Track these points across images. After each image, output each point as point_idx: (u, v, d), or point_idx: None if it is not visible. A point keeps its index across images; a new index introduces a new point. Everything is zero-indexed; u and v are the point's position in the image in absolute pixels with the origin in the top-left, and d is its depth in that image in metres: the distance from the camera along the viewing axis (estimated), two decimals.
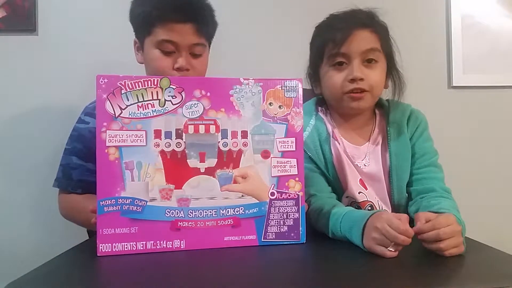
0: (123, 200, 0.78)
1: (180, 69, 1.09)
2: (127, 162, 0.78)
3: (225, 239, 0.82)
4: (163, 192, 0.79)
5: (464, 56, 1.65)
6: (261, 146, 0.82)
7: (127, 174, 0.78)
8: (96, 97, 0.77)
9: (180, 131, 0.80)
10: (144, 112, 0.79)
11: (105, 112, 0.77)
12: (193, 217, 0.80)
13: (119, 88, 0.78)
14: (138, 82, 0.79)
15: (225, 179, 0.81)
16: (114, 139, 0.77)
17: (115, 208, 0.77)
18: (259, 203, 0.82)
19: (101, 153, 0.77)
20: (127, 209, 0.78)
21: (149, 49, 1.12)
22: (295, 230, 0.84)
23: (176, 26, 1.07)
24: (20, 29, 1.49)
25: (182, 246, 0.80)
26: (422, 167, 0.98)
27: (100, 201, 0.77)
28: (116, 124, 0.78)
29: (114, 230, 0.77)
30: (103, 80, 0.78)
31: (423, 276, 0.67)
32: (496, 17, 1.68)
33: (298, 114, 0.84)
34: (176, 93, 0.79)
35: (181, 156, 0.80)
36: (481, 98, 1.69)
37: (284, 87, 0.83)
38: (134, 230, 0.78)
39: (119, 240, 0.78)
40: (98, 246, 0.77)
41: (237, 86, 0.81)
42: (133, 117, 0.78)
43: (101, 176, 0.77)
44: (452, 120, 1.62)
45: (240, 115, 0.81)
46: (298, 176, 0.84)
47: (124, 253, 0.77)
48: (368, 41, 0.94)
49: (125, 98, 0.78)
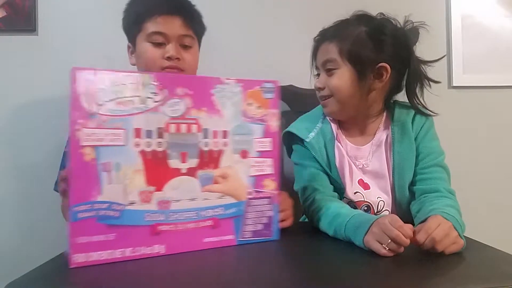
0: (99, 204, 0.71)
1: (170, 58, 1.10)
2: (104, 163, 0.71)
3: (204, 240, 0.80)
4: (143, 195, 0.74)
5: (464, 56, 1.63)
6: (240, 146, 0.82)
7: (104, 176, 0.71)
8: (70, 91, 0.69)
9: (161, 130, 0.75)
10: (124, 110, 0.73)
11: (80, 108, 0.69)
12: (174, 220, 0.77)
13: (97, 82, 0.71)
14: (118, 77, 0.73)
15: (206, 179, 0.79)
16: (90, 138, 0.70)
17: (90, 214, 0.70)
18: (237, 202, 0.82)
19: (76, 153, 0.69)
20: (104, 214, 0.71)
21: (140, 44, 1.13)
22: (269, 228, 0.86)
23: (164, 18, 1.11)
24: (20, 29, 1.46)
25: (162, 251, 0.76)
26: (427, 167, 1.00)
27: (73, 207, 0.69)
28: (92, 121, 0.70)
29: (89, 238, 0.70)
30: (79, 73, 0.70)
31: (423, 276, 0.68)
32: (496, 17, 1.66)
33: (274, 115, 0.86)
34: (158, 90, 0.75)
35: (162, 156, 0.76)
36: (481, 98, 1.67)
37: (262, 88, 0.84)
38: (111, 237, 0.72)
39: (95, 248, 0.71)
40: (71, 257, 0.69)
41: (218, 86, 0.80)
42: (111, 114, 0.72)
43: (75, 178, 0.69)
44: (452, 120, 1.57)
45: (221, 115, 0.80)
46: (273, 176, 0.86)
47: (100, 262, 0.71)
48: (325, 53, 1.01)
49: (103, 94, 0.71)
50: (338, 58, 0.98)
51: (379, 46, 0.97)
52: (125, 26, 1.18)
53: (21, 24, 1.46)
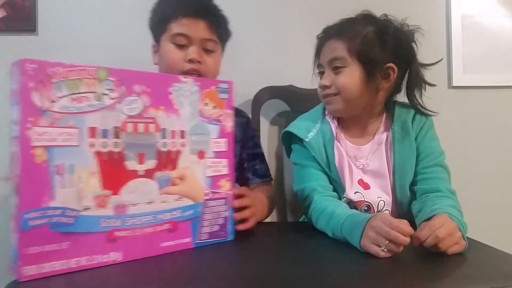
0: (52, 211, 0.64)
1: (192, 60, 1.09)
2: (57, 165, 0.65)
3: (162, 245, 0.77)
4: (98, 200, 0.69)
5: (464, 56, 1.61)
6: (197, 146, 0.81)
7: (57, 180, 0.65)
8: (20, 85, 0.62)
9: (118, 129, 0.71)
10: (78, 107, 0.67)
11: (31, 104, 0.63)
12: (131, 225, 0.73)
13: (50, 76, 0.64)
14: (73, 71, 0.67)
15: (164, 181, 0.76)
16: (41, 138, 0.63)
17: (42, 221, 0.64)
18: (194, 204, 0.80)
19: (25, 154, 0.62)
20: (57, 221, 0.65)
21: (164, 45, 1.12)
22: (225, 229, 0.85)
23: (189, 21, 1.10)
24: (20, 29, 1.46)
25: (119, 258, 0.71)
26: (428, 167, 1.00)
27: (23, 214, 0.62)
28: (44, 119, 0.64)
29: (41, 247, 0.64)
30: (29, 66, 0.63)
31: (423, 276, 0.68)
32: (496, 17, 1.65)
33: (229, 115, 0.85)
34: (115, 86, 0.70)
35: (118, 157, 0.71)
36: (481, 98, 1.66)
37: (218, 88, 0.83)
38: (65, 246, 0.66)
39: (48, 259, 0.64)
40: (20, 270, 0.62)
41: (176, 84, 0.77)
42: (65, 111, 0.66)
43: (25, 182, 0.62)
44: (452, 120, 1.59)
45: (179, 114, 0.78)
46: (228, 176, 0.85)
47: (54, 273, 0.65)
48: (332, 51, 0.99)
49: (56, 89, 0.65)
50: (347, 56, 0.97)
51: (387, 46, 0.97)
52: (151, 25, 1.18)
53: (21, 24, 1.46)
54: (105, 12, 1.48)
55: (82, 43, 1.46)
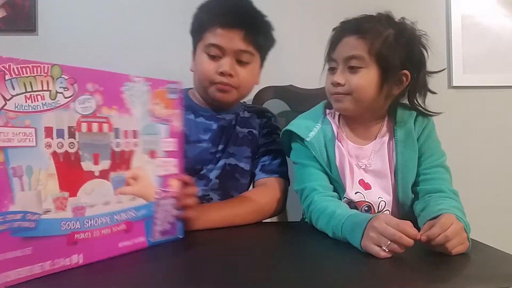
0: (13, 215, 0.61)
1: (223, 73, 1.07)
2: (15, 168, 0.61)
3: (119, 245, 0.76)
4: (58, 202, 0.66)
5: (464, 56, 1.62)
6: (149, 146, 0.81)
7: (16, 183, 0.61)
8: None
9: (73, 129, 0.69)
10: (33, 105, 0.64)
11: None
12: (89, 227, 0.71)
13: (3, 72, 0.61)
14: (26, 68, 0.64)
15: (118, 182, 0.76)
16: None
17: (3, 227, 0.60)
18: (147, 204, 0.81)
19: None
20: (19, 226, 0.61)
21: (199, 53, 1.11)
22: (175, 227, 0.86)
23: (224, 31, 1.06)
24: (20, 29, 1.49)
25: (80, 261, 0.69)
26: (430, 168, 1.00)
27: None
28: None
29: (3, 255, 0.60)
30: None
31: (423, 276, 0.68)
32: (496, 17, 1.65)
33: (178, 115, 0.87)
34: (68, 84, 0.68)
35: (74, 158, 0.69)
36: (481, 98, 1.66)
37: (167, 88, 0.85)
38: (28, 251, 0.62)
39: (12, 266, 0.60)
40: None
41: (128, 83, 0.77)
42: (20, 110, 0.62)
43: None
44: (452, 120, 1.57)
45: (131, 114, 0.78)
46: (177, 175, 0.87)
47: (19, 281, 0.61)
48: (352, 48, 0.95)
49: (10, 86, 0.62)
50: (366, 56, 0.94)
51: (403, 51, 0.95)
52: (191, 31, 1.15)
53: (21, 24, 1.48)
54: (105, 12, 1.49)
55: (82, 43, 1.47)
